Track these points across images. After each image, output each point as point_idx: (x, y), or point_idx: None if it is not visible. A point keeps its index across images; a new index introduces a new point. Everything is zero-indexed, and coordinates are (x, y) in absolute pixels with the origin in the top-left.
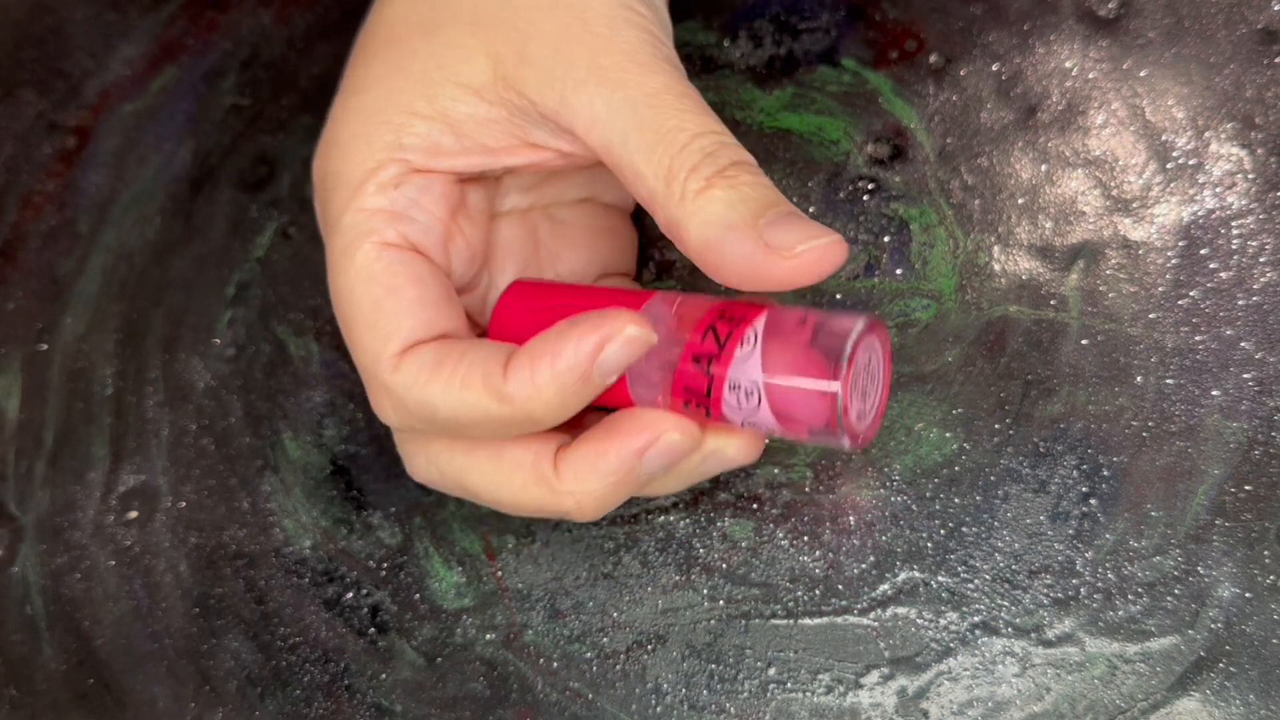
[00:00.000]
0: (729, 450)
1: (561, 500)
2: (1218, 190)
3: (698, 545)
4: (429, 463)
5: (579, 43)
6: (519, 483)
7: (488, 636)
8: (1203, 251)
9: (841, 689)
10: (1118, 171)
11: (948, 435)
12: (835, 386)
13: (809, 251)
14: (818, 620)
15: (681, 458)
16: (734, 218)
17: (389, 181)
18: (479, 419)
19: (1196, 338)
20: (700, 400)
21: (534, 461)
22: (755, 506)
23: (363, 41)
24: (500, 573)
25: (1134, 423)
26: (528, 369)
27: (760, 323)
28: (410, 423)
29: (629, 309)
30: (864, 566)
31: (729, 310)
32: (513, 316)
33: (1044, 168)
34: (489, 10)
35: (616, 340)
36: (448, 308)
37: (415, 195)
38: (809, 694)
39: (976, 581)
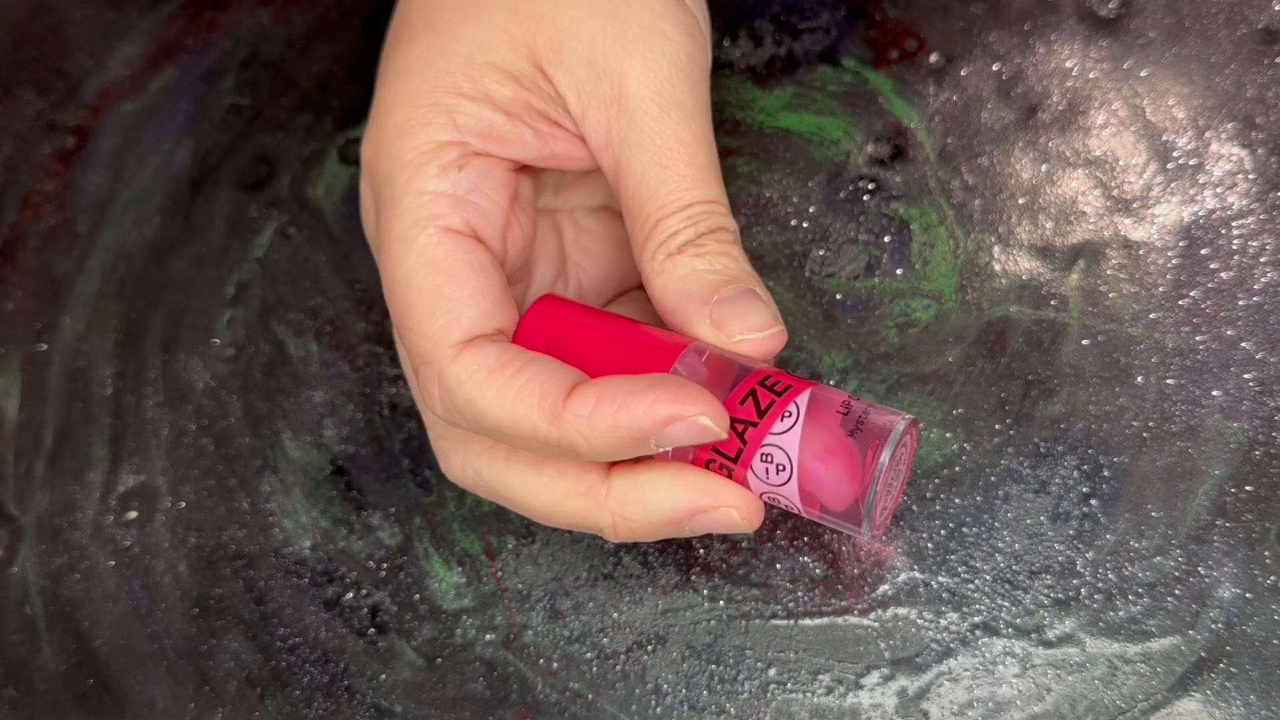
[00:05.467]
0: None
1: (600, 517)
2: (1218, 190)
3: (698, 545)
4: (465, 463)
5: (612, 58)
6: (559, 492)
7: (488, 637)
8: (1203, 251)
9: (842, 689)
10: (1118, 171)
11: (948, 435)
12: (868, 481)
13: (745, 343)
14: (818, 620)
15: (731, 530)
16: (691, 289)
17: (451, 164)
18: (523, 433)
19: (1197, 338)
20: (726, 463)
21: (579, 473)
22: None
23: (399, 27)
24: (500, 573)
25: (1135, 423)
26: (591, 404)
27: (804, 399)
28: (454, 418)
29: (699, 389)
30: (864, 566)
31: (772, 379)
32: (544, 325)
33: (1044, 168)
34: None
35: (687, 423)
36: (505, 301)
37: (477, 180)
38: (809, 695)
39: (977, 582)
